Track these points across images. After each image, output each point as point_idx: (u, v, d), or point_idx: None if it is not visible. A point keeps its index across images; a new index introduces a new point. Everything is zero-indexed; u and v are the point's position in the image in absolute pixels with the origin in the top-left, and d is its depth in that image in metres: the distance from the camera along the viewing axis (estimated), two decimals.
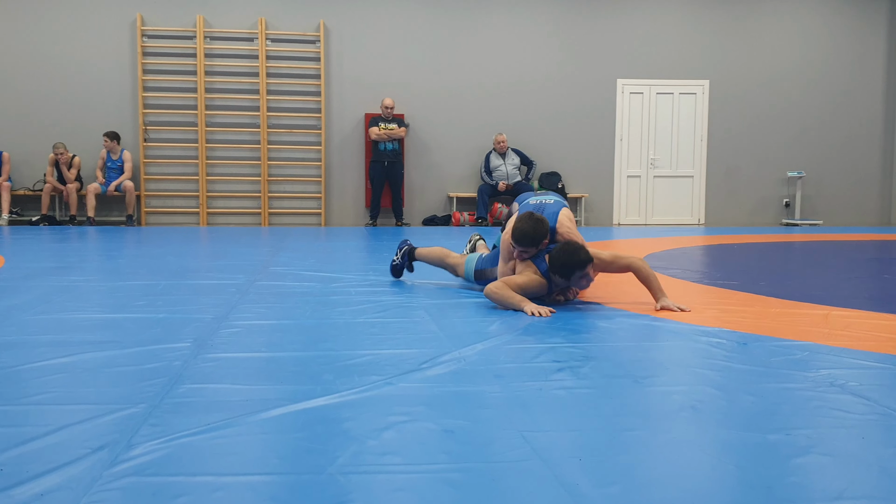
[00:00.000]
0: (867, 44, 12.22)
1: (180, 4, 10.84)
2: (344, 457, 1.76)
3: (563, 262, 3.73)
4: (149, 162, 10.87)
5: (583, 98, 11.71)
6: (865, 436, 1.96)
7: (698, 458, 1.81)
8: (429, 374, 2.53)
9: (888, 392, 2.38)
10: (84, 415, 2.05)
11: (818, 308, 3.90)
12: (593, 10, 11.65)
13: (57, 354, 2.73)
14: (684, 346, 3.02)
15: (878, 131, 12.36)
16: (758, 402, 2.24)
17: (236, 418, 2.03)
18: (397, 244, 5.12)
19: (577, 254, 3.73)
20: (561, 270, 3.76)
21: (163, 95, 10.86)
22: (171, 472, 1.67)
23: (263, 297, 4.11)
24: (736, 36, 11.97)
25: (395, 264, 4.86)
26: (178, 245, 7.39)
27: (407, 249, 4.83)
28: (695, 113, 12.02)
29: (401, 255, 4.84)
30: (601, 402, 2.24)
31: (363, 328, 3.29)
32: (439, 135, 11.43)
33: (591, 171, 11.79)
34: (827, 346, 3.00)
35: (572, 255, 3.72)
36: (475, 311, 3.77)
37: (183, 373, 2.50)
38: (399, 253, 4.86)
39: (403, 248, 4.86)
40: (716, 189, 12.13)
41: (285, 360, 2.71)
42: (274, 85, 11.05)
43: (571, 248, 3.76)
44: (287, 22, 11.03)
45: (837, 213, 12.36)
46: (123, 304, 3.86)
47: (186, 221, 11.00)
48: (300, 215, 11.25)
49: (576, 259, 3.72)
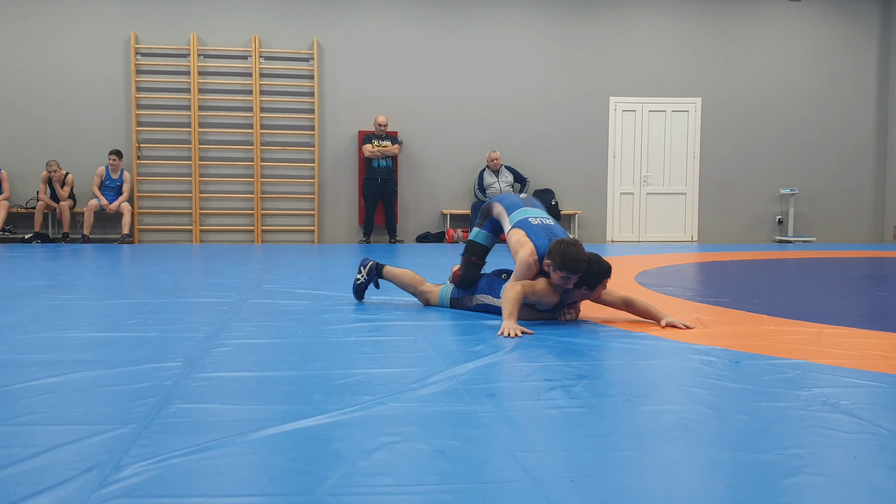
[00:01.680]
0: (859, 62, 12.31)
1: (174, 23, 10.87)
2: (334, 478, 1.75)
3: (597, 272, 3.80)
4: (142, 179, 10.87)
5: (576, 116, 11.76)
6: (858, 455, 1.95)
7: (690, 479, 1.80)
8: (420, 393, 2.52)
9: (881, 411, 2.38)
10: (73, 435, 2.03)
11: (811, 326, 3.90)
12: (586, 28, 11.72)
13: (47, 374, 2.72)
14: (676, 365, 3.02)
15: (870, 148, 12.43)
16: (750, 422, 2.24)
17: (226, 439, 2.02)
18: (359, 262, 4.77)
19: (603, 263, 3.83)
20: (593, 281, 3.82)
21: (157, 113, 10.87)
22: (160, 494, 1.66)
23: (255, 316, 4.10)
24: (728, 54, 12.05)
25: (359, 283, 4.57)
26: (170, 263, 7.38)
27: (373, 265, 4.55)
28: (687, 130, 12.07)
29: (366, 271, 4.55)
30: (593, 421, 2.24)
31: (355, 347, 3.28)
32: (433, 152, 11.46)
33: (585, 188, 11.82)
34: (819, 364, 3.00)
35: (602, 265, 3.82)
36: (468, 330, 3.76)
37: (173, 392, 2.49)
38: (363, 270, 4.57)
39: (368, 264, 4.57)
40: (709, 206, 12.17)
41: (276, 379, 2.70)
42: (267, 102, 11.07)
43: (597, 260, 3.83)
44: (281, 39, 11.07)
45: (830, 229, 12.40)
46: (114, 323, 3.84)
47: (180, 239, 10.98)
48: (293, 232, 11.25)
49: (604, 268, 3.82)
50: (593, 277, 3.81)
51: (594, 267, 3.79)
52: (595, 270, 3.79)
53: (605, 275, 3.83)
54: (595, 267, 3.79)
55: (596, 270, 3.79)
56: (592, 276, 3.80)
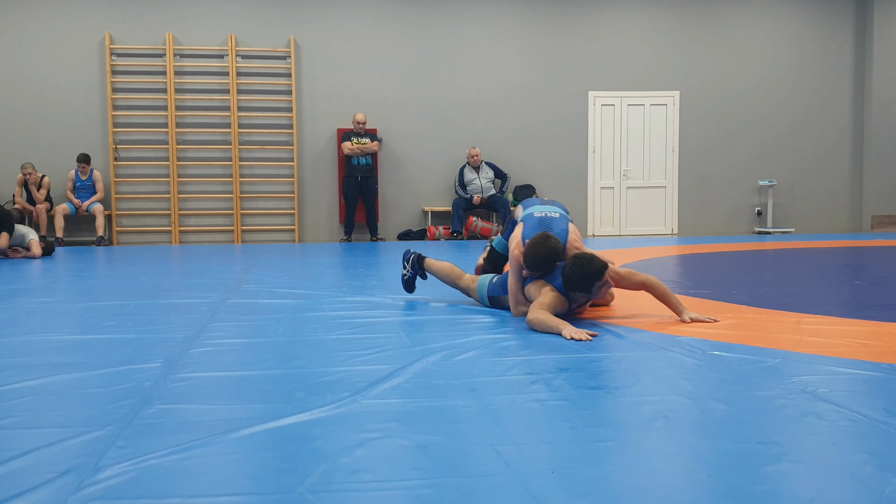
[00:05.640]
0: (835, 53, 12.41)
1: (149, 22, 10.78)
2: (315, 475, 1.75)
3: (581, 276, 3.63)
4: (119, 181, 10.77)
5: (555, 111, 11.77)
6: (836, 442, 1.97)
7: (670, 468, 1.81)
8: (402, 389, 2.51)
9: (859, 398, 2.40)
10: (50, 438, 2.01)
11: (789, 315, 3.93)
12: (564, 23, 11.73)
13: (24, 377, 2.69)
14: (656, 356, 3.03)
15: (847, 139, 12.53)
16: (730, 411, 2.25)
17: (206, 439, 2.00)
18: (402, 257, 4.74)
19: (591, 264, 3.63)
20: (580, 285, 3.65)
21: (133, 114, 10.78)
22: (138, 495, 1.65)
23: (235, 316, 4.08)
24: (705, 47, 12.10)
25: (407, 277, 4.55)
26: (149, 264, 7.32)
27: (415, 258, 4.53)
28: (666, 124, 12.12)
29: (410, 265, 4.53)
30: (573, 413, 2.24)
31: (336, 345, 3.27)
32: (413, 149, 11.44)
33: (565, 183, 11.84)
34: (798, 353, 3.02)
35: (587, 267, 3.63)
36: (449, 325, 3.76)
37: (152, 393, 2.47)
38: (407, 264, 4.55)
39: (410, 257, 4.54)
40: (688, 199, 12.22)
41: (257, 378, 2.69)
42: (245, 101, 11.01)
43: (583, 260, 3.65)
44: (257, 38, 11.01)
45: (809, 220, 12.49)
46: (93, 326, 3.81)
47: (158, 240, 10.90)
48: (273, 232, 11.20)
49: (592, 270, 3.62)
50: (579, 282, 3.63)
51: (576, 272, 3.62)
52: (578, 275, 3.61)
53: (593, 277, 3.62)
54: (578, 272, 3.61)
55: (579, 275, 3.61)
56: (577, 281, 3.63)
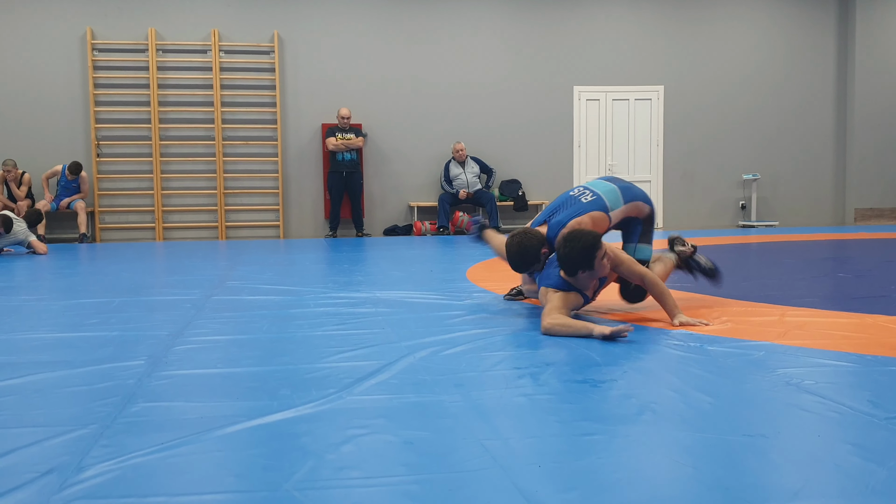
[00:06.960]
0: (818, 48, 12.46)
1: (131, 17, 10.69)
2: (301, 472, 1.73)
3: (576, 253, 3.37)
4: (102, 177, 10.69)
5: (540, 105, 11.77)
6: (821, 434, 1.98)
7: (657, 461, 1.81)
8: (388, 385, 2.50)
9: (844, 390, 2.41)
10: (32, 437, 1.99)
11: (774, 308, 3.95)
12: (548, 18, 11.73)
13: (6, 376, 2.66)
14: (643, 349, 3.03)
15: (830, 133, 12.60)
16: (715, 404, 2.25)
17: (191, 436, 1.99)
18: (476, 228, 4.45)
19: (580, 240, 3.37)
20: (579, 263, 3.39)
21: (115, 110, 10.69)
22: (122, 494, 1.63)
23: (220, 313, 4.05)
24: (689, 42, 12.13)
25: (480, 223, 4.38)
26: (132, 261, 7.27)
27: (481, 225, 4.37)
28: (650, 118, 12.15)
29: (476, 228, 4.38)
30: (560, 407, 2.24)
31: (322, 341, 3.26)
32: (398, 144, 11.41)
33: (551, 177, 11.84)
34: (783, 345, 3.03)
35: (577, 243, 3.37)
36: (436, 321, 3.75)
37: (136, 391, 2.45)
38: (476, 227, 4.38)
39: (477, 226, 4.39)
40: (673, 193, 12.26)
41: (241, 375, 2.67)
42: (228, 97, 10.94)
43: (572, 236, 3.41)
44: (240, 33, 10.94)
45: (793, 214, 12.56)
46: (75, 323, 3.77)
47: (142, 237, 10.83)
48: (258, 228, 11.14)
49: (583, 244, 3.36)
50: (577, 260, 3.39)
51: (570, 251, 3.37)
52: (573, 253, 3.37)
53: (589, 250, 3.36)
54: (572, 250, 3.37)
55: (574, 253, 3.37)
56: (574, 260, 3.40)
